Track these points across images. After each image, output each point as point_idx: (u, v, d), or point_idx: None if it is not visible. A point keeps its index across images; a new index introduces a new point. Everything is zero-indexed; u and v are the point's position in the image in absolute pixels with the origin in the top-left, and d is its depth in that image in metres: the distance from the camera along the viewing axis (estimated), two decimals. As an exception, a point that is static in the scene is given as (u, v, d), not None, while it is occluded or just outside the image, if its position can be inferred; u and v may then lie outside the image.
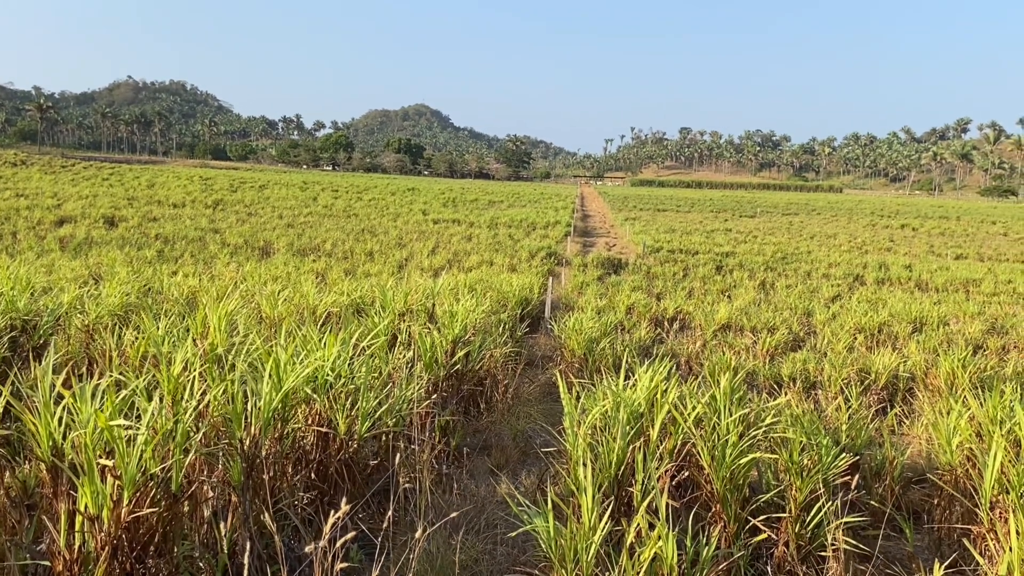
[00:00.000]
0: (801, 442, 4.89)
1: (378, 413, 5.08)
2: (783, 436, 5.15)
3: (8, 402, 4.14)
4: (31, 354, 7.13)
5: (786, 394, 7.74)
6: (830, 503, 4.56)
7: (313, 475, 4.60)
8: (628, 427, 4.86)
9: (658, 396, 5.12)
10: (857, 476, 4.62)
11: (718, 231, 44.15)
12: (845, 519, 4.40)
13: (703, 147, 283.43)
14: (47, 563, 3.39)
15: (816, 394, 9.29)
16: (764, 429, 5.03)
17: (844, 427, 6.38)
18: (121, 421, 3.41)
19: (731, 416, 4.91)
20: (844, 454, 5.03)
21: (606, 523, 3.64)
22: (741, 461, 4.63)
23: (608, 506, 3.95)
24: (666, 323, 13.96)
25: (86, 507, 3.30)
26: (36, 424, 3.73)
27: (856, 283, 23.21)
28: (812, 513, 4.64)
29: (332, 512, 2.83)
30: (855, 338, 12.65)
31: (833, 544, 4.24)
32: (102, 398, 3.65)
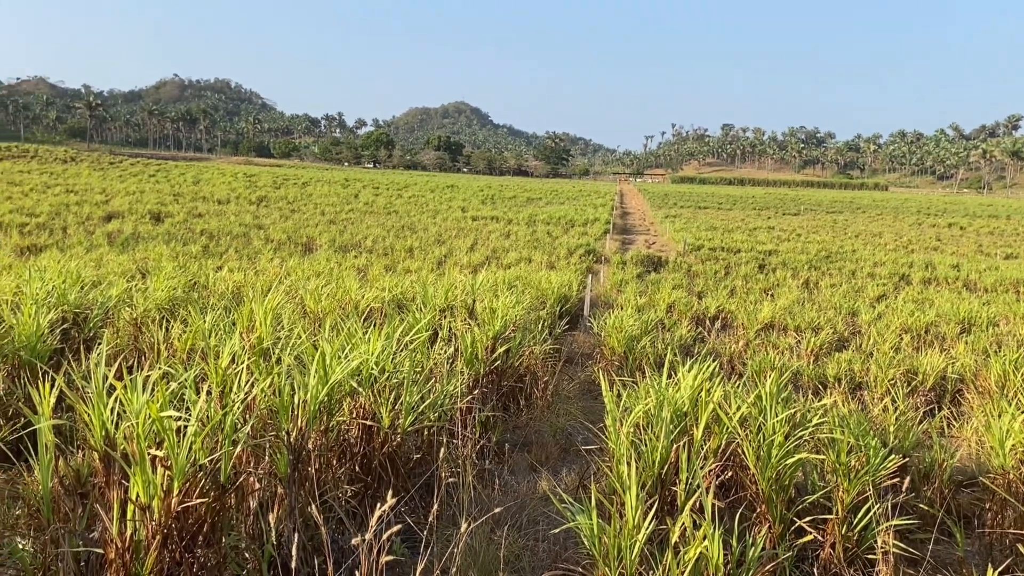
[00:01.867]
0: (849, 443, 4.81)
1: (421, 408, 5.10)
2: (830, 437, 5.07)
3: (61, 393, 4.24)
4: (82, 346, 7.29)
5: (831, 394, 7.62)
6: (878, 505, 4.48)
7: (357, 468, 4.65)
8: (672, 426, 4.82)
9: (702, 395, 5.07)
10: (908, 479, 4.52)
11: (760, 229, 43.60)
12: (894, 522, 4.32)
13: (745, 144, 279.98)
14: (100, 551, 3.46)
15: (862, 395, 9.14)
16: (811, 430, 4.95)
17: (891, 428, 6.26)
18: (172, 412, 3.47)
19: (777, 416, 4.84)
20: (892, 456, 4.93)
21: (651, 522, 3.62)
22: (787, 462, 4.57)
23: (652, 505, 3.92)
24: (707, 322, 13.84)
25: (138, 496, 3.36)
26: (90, 414, 3.81)
27: (902, 283, 22.76)
28: (859, 515, 4.57)
29: (378, 505, 2.85)
30: (901, 339, 12.41)
31: (882, 547, 4.16)
32: (152, 390, 3.71)
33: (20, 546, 4.13)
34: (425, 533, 3.39)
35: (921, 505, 5.35)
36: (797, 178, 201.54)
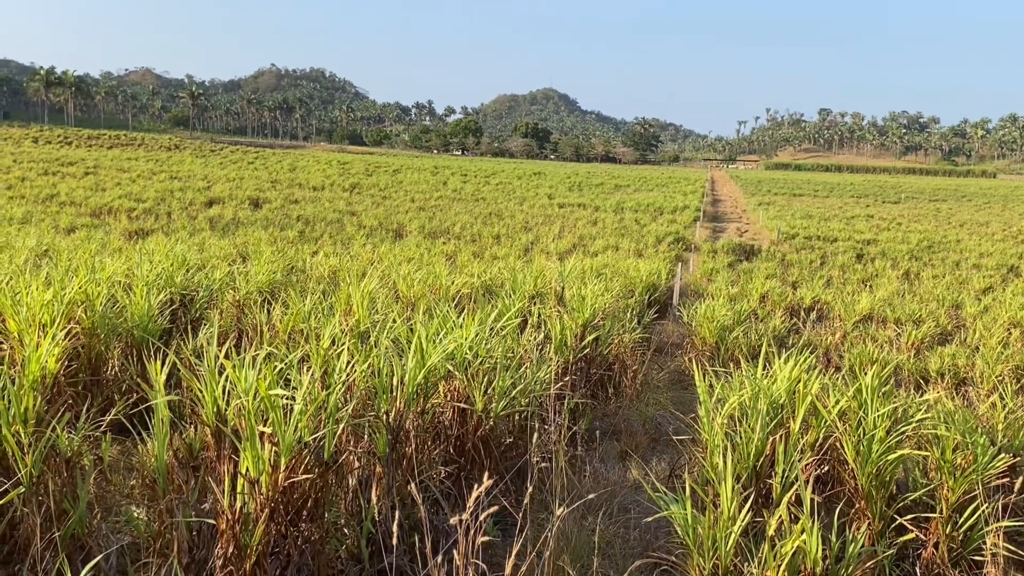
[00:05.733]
0: (955, 440, 4.63)
1: (513, 393, 5.16)
2: (933, 433, 4.89)
3: (172, 369, 4.48)
4: (189, 327, 7.64)
5: (934, 390, 7.34)
6: (986, 505, 4.30)
7: (451, 450, 4.75)
8: (767, 418, 4.74)
9: (799, 387, 4.96)
10: (1021, 480, 4.32)
11: (859, 217, 42.07)
12: (1004, 523, 4.14)
13: (843, 129, 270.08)
14: (211, 521, 3.64)
15: (966, 391, 8.76)
16: (913, 425, 4.79)
17: (1000, 426, 5.98)
18: (280, 391, 3.62)
19: (878, 411, 4.70)
20: (1002, 455, 4.72)
21: (746, 514, 3.58)
22: (888, 457, 4.43)
23: (747, 497, 3.87)
24: (802, 313, 13.48)
25: (247, 470, 3.52)
26: (202, 391, 4.01)
27: (1010, 274, 21.62)
28: (965, 515, 4.40)
29: (475, 486, 2.91)
30: (1010, 333, 11.80)
31: (991, 549, 4.00)
32: (259, 369, 3.87)
33: (135, 515, 4.39)
34: (520, 517, 3.44)
35: (1033, 507, 5.11)
36: (898, 165, 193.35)
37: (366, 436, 4.28)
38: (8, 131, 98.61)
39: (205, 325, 7.46)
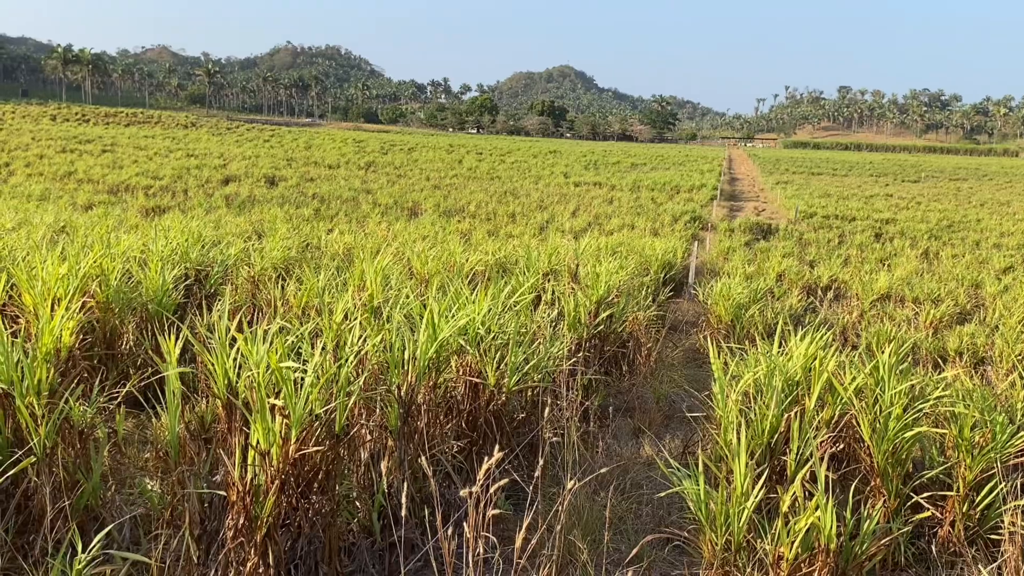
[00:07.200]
0: (973, 418, 4.57)
1: (525, 368, 5.14)
2: (951, 411, 4.83)
3: (186, 344, 4.48)
4: (204, 302, 7.66)
5: (952, 368, 7.25)
6: (1004, 484, 4.25)
7: (463, 424, 4.74)
8: (782, 395, 4.69)
9: (815, 364, 4.91)
10: (1039, 458, 4.26)
11: (877, 196, 41.65)
12: (1023, 502, 4.09)
13: (863, 107, 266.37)
14: (222, 493, 3.65)
15: (985, 371, 8.67)
16: (931, 403, 4.73)
17: (1019, 405, 5.91)
18: (291, 363, 3.61)
19: (895, 388, 4.64)
20: (1021, 433, 4.66)
21: (760, 489, 3.55)
22: (905, 435, 4.38)
23: (760, 474, 3.84)
24: (819, 291, 13.37)
25: (258, 443, 3.52)
26: (214, 364, 4.01)
27: (1032, 254, 21.34)
28: (983, 493, 4.35)
29: (485, 459, 2.89)
30: (1031, 313, 11.65)
31: (1008, 527, 3.95)
32: (271, 342, 3.87)
33: (149, 486, 4.42)
34: (531, 491, 3.42)
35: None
36: (918, 143, 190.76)
37: (378, 410, 4.28)
38: (27, 108, 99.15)
39: (219, 300, 7.48)
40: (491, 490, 2.93)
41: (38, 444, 3.70)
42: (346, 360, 3.80)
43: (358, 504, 4.15)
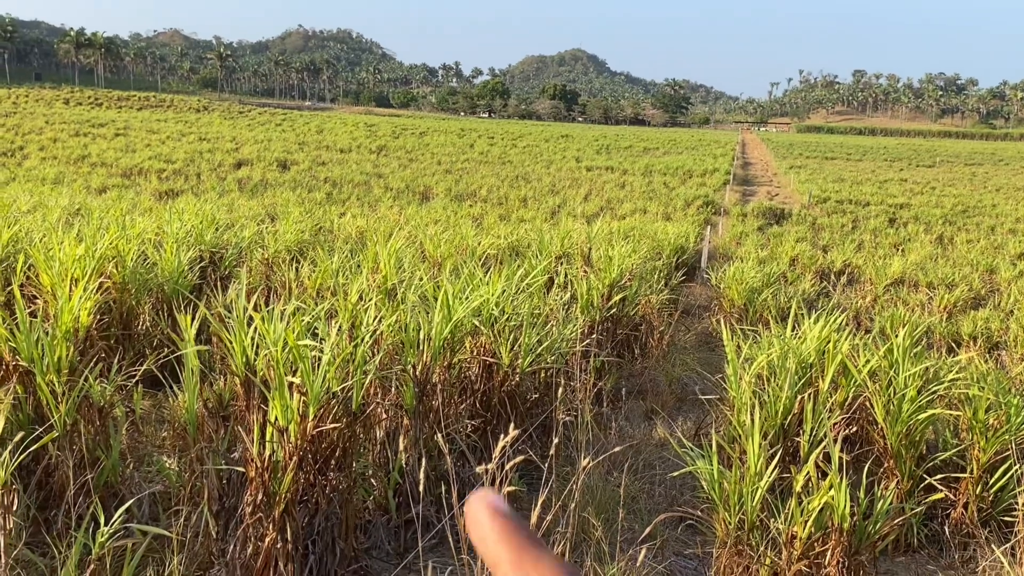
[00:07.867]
0: (987, 400, 4.56)
1: (538, 350, 5.16)
2: (965, 394, 4.83)
3: (202, 324, 4.52)
4: (219, 283, 7.71)
5: (966, 352, 7.23)
6: (1018, 466, 4.25)
7: (477, 404, 4.77)
8: (796, 377, 4.70)
9: (829, 347, 4.91)
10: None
11: (892, 181, 41.38)
12: (1035, 484, 4.09)
13: (878, 91, 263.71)
14: (241, 469, 3.69)
15: (999, 355, 8.65)
16: (946, 385, 4.73)
17: (1034, 389, 5.91)
18: (308, 341, 3.64)
19: (909, 370, 4.64)
20: (1035, 416, 4.66)
21: (774, 469, 3.56)
22: (919, 417, 4.38)
23: (774, 455, 3.85)
24: (833, 276, 13.33)
25: (276, 419, 3.55)
26: (232, 342, 4.05)
27: (1049, 240, 21.18)
28: (996, 475, 4.35)
29: (501, 436, 2.91)
30: (1047, 298, 11.59)
31: (1022, 509, 3.95)
32: (288, 321, 3.90)
33: (167, 464, 4.47)
34: (545, 470, 3.45)
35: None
36: (934, 128, 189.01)
37: (393, 389, 4.31)
38: (40, 92, 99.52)
39: (234, 281, 7.52)
40: (506, 467, 2.96)
41: (59, 421, 3.76)
42: (362, 339, 3.82)
43: (374, 482, 4.19)
